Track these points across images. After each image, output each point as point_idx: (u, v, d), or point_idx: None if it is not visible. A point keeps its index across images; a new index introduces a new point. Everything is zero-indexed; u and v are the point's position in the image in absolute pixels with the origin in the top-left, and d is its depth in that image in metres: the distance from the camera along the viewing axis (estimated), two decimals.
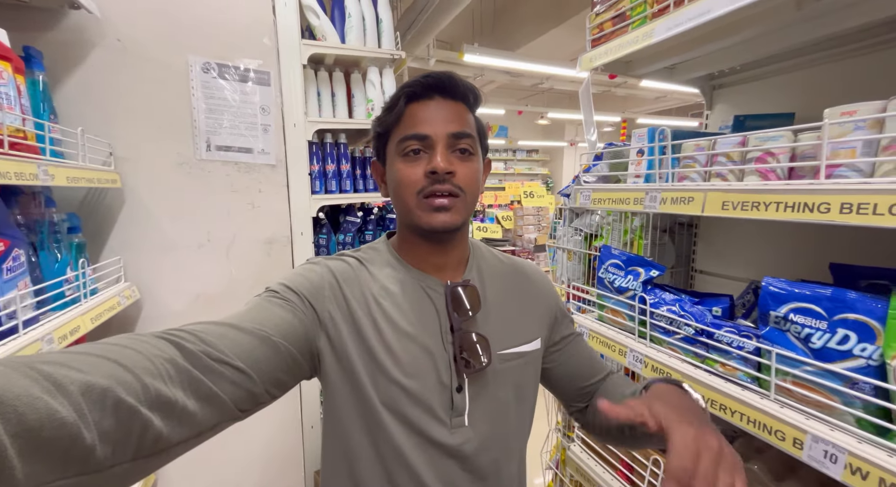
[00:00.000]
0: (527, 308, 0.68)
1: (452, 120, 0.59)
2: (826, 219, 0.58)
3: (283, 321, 0.53)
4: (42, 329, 0.88)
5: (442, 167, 0.56)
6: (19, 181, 0.82)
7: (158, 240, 1.44)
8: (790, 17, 0.80)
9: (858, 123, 0.59)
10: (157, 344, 0.41)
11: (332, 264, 0.62)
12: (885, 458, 0.55)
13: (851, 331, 0.60)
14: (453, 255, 0.65)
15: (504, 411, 0.63)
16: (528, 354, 0.66)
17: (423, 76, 0.59)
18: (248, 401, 0.47)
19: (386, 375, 0.56)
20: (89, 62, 1.30)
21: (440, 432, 0.57)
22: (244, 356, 0.46)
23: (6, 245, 0.82)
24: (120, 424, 0.34)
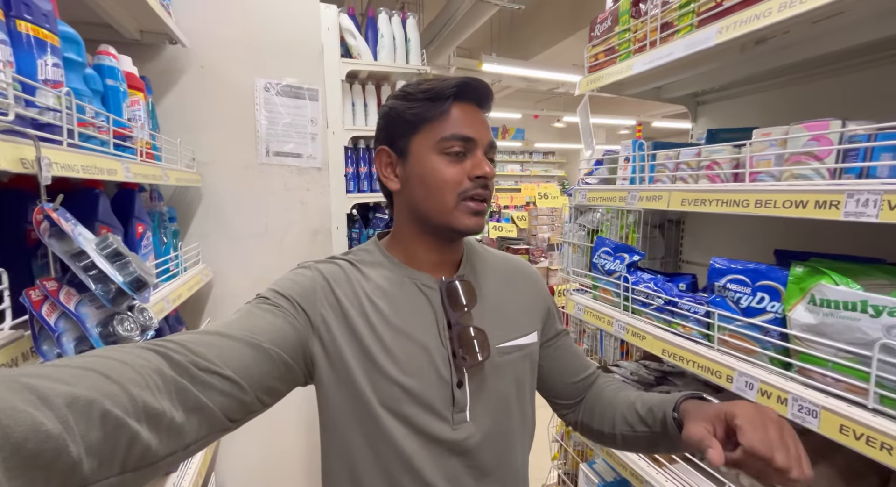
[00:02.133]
0: (522, 302, 0.69)
1: (488, 128, 0.61)
2: (747, 212, 0.80)
3: (274, 328, 0.52)
4: (163, 293, 1.17)
5: (490, 173, 0.58)
6: (154, 181, 1.11)
7: (226, 230, 1.74)
8: (738, 58, 1.02)
9: (772, 141, 0.81)
10: (143, 355, 0.40)
11: (322, 268, 0.61)
12: (782, 382, 0.77)
13: (765, 293, 0.81)
14: (453, 253, 0.65)
15: (506, 405, 0.63)
16: (526, 346, 0.66)
17: (470, 79, 0.58)
18: (238, 410, 0.47)
19: (384, 375, 0.56)
20: (180, 85, 1.61)
21: (442, 429, 0.57)
22: (233, 364, 0.46)
23: (143, 228, 1.11)
24: (107, 436, 0.33)
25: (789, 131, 0.77)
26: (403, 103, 0.60)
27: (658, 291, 1.08)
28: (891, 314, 0.62)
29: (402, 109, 0.60)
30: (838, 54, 0.99)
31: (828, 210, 0.66)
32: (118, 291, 0.60)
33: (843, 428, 0.66)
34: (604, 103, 8.48)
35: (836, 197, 0.65)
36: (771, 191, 0.76)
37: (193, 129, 1.65)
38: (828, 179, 0.72)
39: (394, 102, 0.61)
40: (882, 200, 0.59)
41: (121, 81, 1.02)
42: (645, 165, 1.11)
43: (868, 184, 0.62)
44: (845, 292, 0.67)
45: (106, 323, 0.60)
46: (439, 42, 4.15)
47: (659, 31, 1.02)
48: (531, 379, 0.69)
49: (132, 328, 0.63)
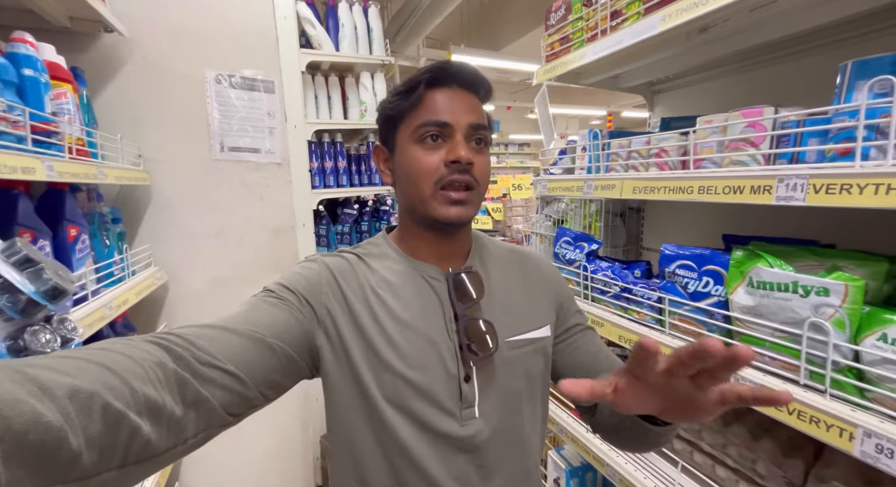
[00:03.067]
0: (533, 294, 0.66)
1: (471, 110, 0.57)
2: (691, 198, 0.81)
3: (278, 321, 0.52)
4: (104, 299, 1.11)
5: (465, 157, 0.55)
6: (85, 180, 1.04)
7: (180, 230, 1.65)
8: (685, 46, 1.03)
9: (714, 128, 0.82)
10: (145, 348, 0.40)
11: (328, 261, 0.61)
12: None
13: (710, 278, 0.84)
14: (457, 245, 0.64)
15: (516, 400, 0.60)
16: (538, 340, 0.64)
17: (444, 63, 0.58)
18: (240, 405, 0.46)
19: (388, 368, 0.55)
20: (121, 77, 1.51)
21: (450, 424, 0.55)
22: (235, 358, 0.46)
23: (77, 231, 1.04)
24: (107, 429, 0.33)
25: (728, 118, 0.79)
26: (388, 99, 0.61)
27: (615, 278, 1.10)
28: (818, 294, 0.64)
29: (386, 105, 0.60)
30: (780, 42, 1.02)
31: (762, 195, 0.68)
32: (29, 301, 0.56)
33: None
34: (576, 94, 8.58)
35: (768, 182, 0.66)
36: (712, 177, 0.77)
37: (139, 124, 1.55)
38: (763, 165, 0.74)
39: (382, 100, 0.62)
40: (808, 183, 0.61)
41: (41, 72, 0.94)
42: (600, 155, 1.11)
43: (795, 169, 0.64)
44: (779, 274, 0.69)
45: (16, 336, 0.55)
46: (406, 32, 4.07)
47: (609, 19, 1.02)
48: (544, 375, 0.66)
49: (49, 340, 0.58)
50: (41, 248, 0.87)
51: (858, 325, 0.62)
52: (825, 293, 0.63)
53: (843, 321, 0.62)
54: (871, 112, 0.57)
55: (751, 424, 0.93)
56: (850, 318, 0.62)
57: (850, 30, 0.89)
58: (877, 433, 0.57)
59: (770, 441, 0.89)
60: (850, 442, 0.60)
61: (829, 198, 0.59)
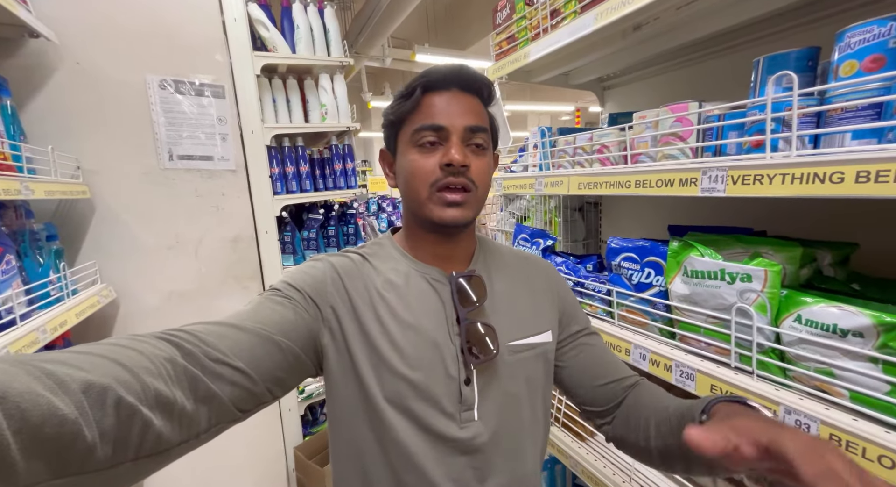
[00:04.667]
0: (536, 300, 0.67)
1: (468, 113, 0.58)
2: (629, 192, 0.84)
3: (285, 320, 0.52)
4: (36, 322, 1.04)
5: (458, 160, 0.55)
6: (6, 196, 0.97)
7: (130, 244, 1.58)
8: (624, 43, 1.06)
9: (648, 123, 0.85)
10: (156, 344, 0.41)
11: (334, 260, 0.61)
12: (668, 351, 0.82)
13: (651, 269, 0.86)
14: (460, 248, 0.64)
15: (515, 405, 0.61)
16: (539, 345, 0.64)
17: (443, 66, 0.58)
18: (248, 401, 0.47)
19: (390, 369, 0.55)
20: (52, 85, 1.42)
21: (449, 427, 0.56)
22: (244, 355, 0.46)
23: (0, 251, 0.97)
24: (120, 423, 0.34)
25: (659, 114, 0.81)
26: (390, 105, 0.62)
27: (569, 273, 1.12)
28: (742, 280, 0.67)
29: (388, 111, 0.62)
30: (709, 39, 1.06)
31: (689, 187, 0.70)
32: None
33: (713, 387, 0.72)
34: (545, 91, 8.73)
35: (694, 175, 0.69)
36: (646, 171, 0.79)
37: (76, 134, 1.47)
38: (691, 158, 0.76)
39: (386, 106, 0.63)
40: (727, 175, 0.63)
41: None
42: (548, 152, 1.13)
43: (716, 162, 0.66)
44: (708, 263, 0.72)
45: None
46: (369, 32, 4.03)
47: (549, 18, 1.04)
48: (545, 381, 0.66)
49: None
50: None
51: (778, 308, 0.65)
52: (748, 279, 0.66)
53: (765, 305, 0.65)
54: (777, 105, 0.60)
55: None
56: (770, 302, 0.65)
57: (772, 26, 0.94)
58: (796, 409, 0.60)
59: None
60: None
61: (745, 188, 0.61)
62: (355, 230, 2.40)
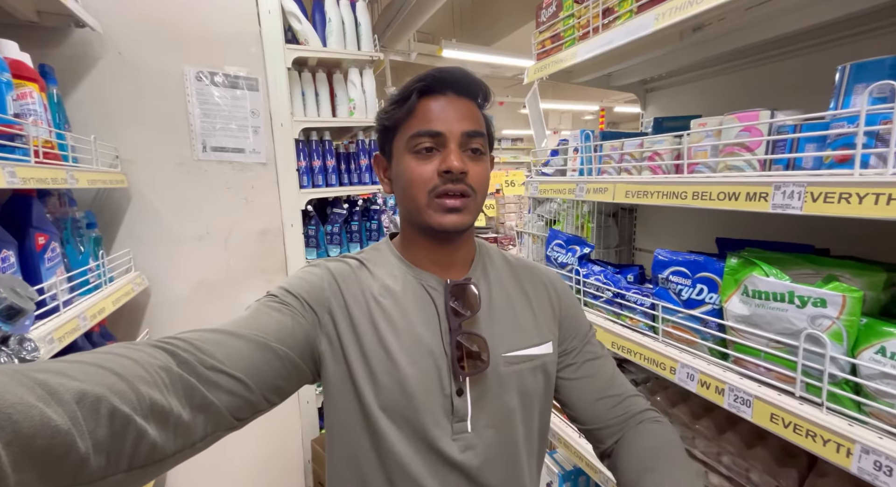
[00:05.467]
0: (536, 310, 0.65)
1: (465, 118, 0.57)
2: (685, 204, 0.79)
3: (283, 327, 0.52)
4: (77, 309, 1.06)
5: (457, 167, 0.54)
6: (53, 185, 0.98)
7: (163, 233, 1.60)
8: (679, 45, 1.01)
9: (708, 131, 0.80)
10: (151, 353, 0.40)
11: (331, 266, 0.61)
12: (720, 373, 0.78)
13: (704, 285, 0.82)
14: (458, 254, 0.63)
15: (509, 418, 0.59)
16: (538, 357, 0.62)
17: (437, 70, 0.57)
18: (245, 409, 0.46)
19: (384, 377, 0.54)
20: (95, 74, 1.44)
21: (441, 438, 0.55)
22: (241, 363, 0.46)
23: (46, 239, 0.99)
24: (114, 433, 0.33)
25: (723, 122, 0.76)
26: (384, 108, 0.61)
27: (608, 283, 1.08)
28: (815, 305, 0.62)
29: (382, 115, 0.61)
30: (776, 41, 0.99)
31: (757, 202, 0.65)
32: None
33: (774, 417, 0.67)
34: (568, 89, 8.56)
35: (764, 189, 0.64)
36: (707, 183, 0.75)
37: (116, 124, 1.49)
38: (759, 171, 0.71)
39: (379, 109, 0.62)
40: (805, 192, 0.59)
41: (1, 71, 0.89)
42: (592, 157, 1.09)
43: (792, 176, 0.61)
44: (774, 283, 0.67)
45: None
46: (396, 26, 4.00)
47: (601, 17, 0.99)
48: (544, 394, 0.63)
49: (3, 363, 0.54)
50: (5, 259, 0.82)
51: (856, 337, 0.60)
52: (822, 304, 0.61)
53: (841, 334, 0.60)
54: (870, 118, 0.55)
55: (745, 432, 0.92)
56: (848, 330, 0.60)
57: (849, 28, 0.87)
58: (875, 449, 0.56)
59: (764, 450, 0.88)
60: (847, 458, 0.58)
61: (828, 207, 0.57)
62: (378, 226, 2.39)
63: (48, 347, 0.86)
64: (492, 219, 6.15)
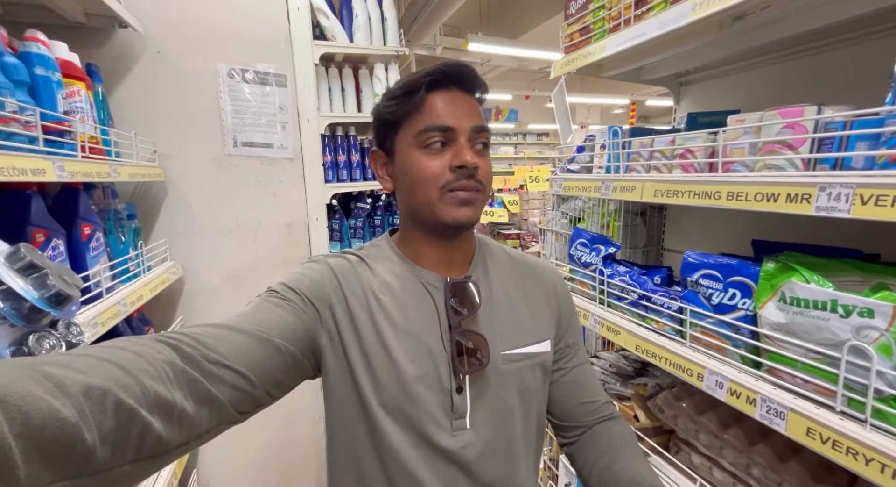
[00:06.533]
0: (535, 308, 0.65)
1: (473, 113, 0.57)
2: (719, 204, 0.75)
3: (284, 322, 0.52)
4: (118, 296, 1.12)
5: (471, 162, 0.54)
6: (98, 179, 1.04)
7: (196, 225, 1.67)
8: (718, 35, 0.95)
9: (746, 128, 0.75)
10: (155, 347, 0.41)
11: (332, 262, 0.61)
12: (752, 382, 0.74)
13: (737, 290, 0.78)
14: (459, 252, 0.63)
15: (509, 415, 0.60)
16: (536, 355, 0.63)
17: (444, 65, 0.56)
18: (247, 403, 0.47)
19: (383, 374, 0.55)
20: (135, 72, 1.51)
21: (440, 434, 0.55)
22: (243, 358, 0.46)
23: (91, 229, 1.05)
24: (120, 425, 0.34)
25: (763, 118, 0.72)
26: (384, 103, 0.59)
27: (633, 284, 1.05)
28: (861, 315, 0.58)
29: (383, 109, 0.59)
30: (824, 31, 0.93)
31: (799, 204, 0.62)
32: (32, 308, 0.56)
33: (810, 431, 0.64)
34: (597, 81, 8.31)
35: (807, 190, 0.60)
36: (743, 183, 0.71)
37: (154, 120, 1.56)
38: (802, 170, 0.67)
39: (378, 103, 0.61)
40: (854, 194, 0.55)
41: (53, 70, 0.94)
42: (620, 154, 1.05)
43: (840, 176, 0.57)
44: (815, 290, 0.63)
45: (20, 342, 0.56)
46: (423, 20, 3.99)
47: (633, 7, 0.95)
48: (541, 391, 0.65)
49: (52, 345, 0.59)
50: (55, 247, 0.88)
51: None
52: (869, 315, 0.57)
53: (890, 346, 0.56)
54: None
55: (778, 445, 0.88)
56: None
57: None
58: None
59: (798, 465, 0.83)
60: (892, 480, 0.55)
61: (879, 211, 0.53)
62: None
63: (92, 331, 0.92)
64: (515, 215, 6.08)
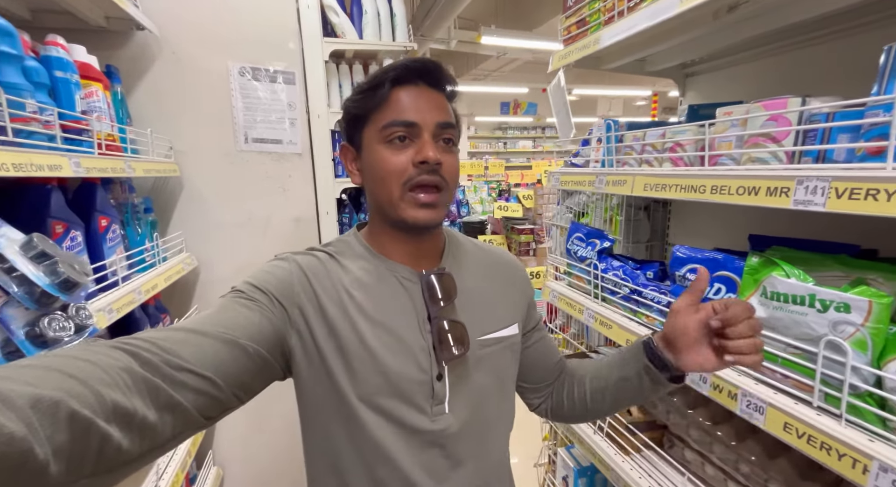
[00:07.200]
0: (504, 294, 0.68)
1: (438, 109, 0.57)
2: (704, 198, 0.75)
3: (250, 322, 0.51)
4: (133, 284, 1.20)
5: (432, 157, 0.54)
6: (113, 174, 1.11)
7: (210, 219, 1.75)
8: (714, 26, 0.93)
9: (734, 121, 0.74)
10: (111, 354, 0.39)
11: (300, 259, 0.60)
12: (735, 377, 0.74)
13: (722, 284, 0.77)
14: (429, 245, 0.64)
15: (485, 396, 0.63)
16: (507, 338, 0.66)
17: (409, 60, 0.58)
18: (213, 408, 0.46)
19: (361, 367, 0.55)
20: (153, 72, 1.59)
21: (421, 420, 0.57)
22: (207, 361, 0.45)
23: (108, 222, 1.13)
24: (75, 438, 0.32)
25: (749, 110, 0.71)
26: (352, 97, 0.60)
27: (625, 279, 1.04)
28: (837, 310, 0.57)
29: (350, 104, 0.60)
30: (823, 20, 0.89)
31: (779, 198, 0.61)
32: (43, 293, 0.61)
33: (787, 426, 0.63)
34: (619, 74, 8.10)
35: (786, 184, 0.59)
36: (726, 176, 0.70)
37: (170, 117, 1.64)
38: (786, 163, 0.66)
39: (347, 98, 0.62)
40: (830, 187, 0.54)
41: (71, 72, 1.01)
42: (612, 147, 1.05)
43: (816, 169, 0.56)
44: (795, 285, 0.62)
45: (33, 323, 0.62)
46: (436, 13, 3.98)
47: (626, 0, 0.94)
48: (512, 370, 0.69)
49: (62, 327, 0.64)
50: (73, 238, 0.95)
51: (883, 347, 0.55)
52: (846, 310, 0.57)
53: (865, 342, 0.55)
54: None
55: (768, 442, 0.87)
56: (874, 339, 0.55)
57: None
58: (894, 467, 0.51)
59: (787, 462, 0.82)
60: (863, 475, 0.54)
61: (853, 204, 0.52)
62: None
63: (108, 316, 0.99)
64: (529, 210, 6.02)
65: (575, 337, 1.95)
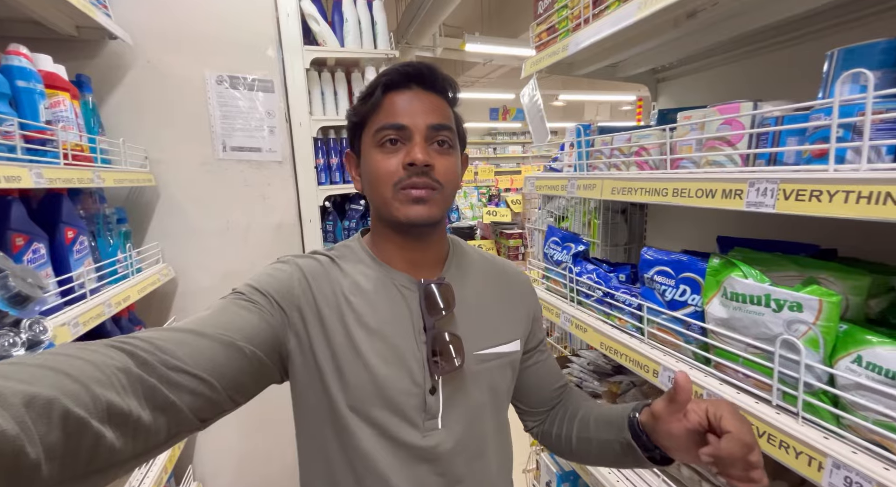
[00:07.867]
0: (507, 308, 0.66)
1: (431, 111, 0.57)
2: (666, 201, 0.76)
3: (249, 325, 0.51)
4: (103, 297, 1.17)
5: (420, 159, 0.54)
6: (80, 185, 1.09)
7: (188, 228, 1.73)
8: (676, 33, 0.95)
9: (693, 125, 0.76)
10: (107, 353, 0.38)
11: (301, 263, 0.60)
12: (701, 378, 0.74)
13: (687, 286, 0.78)
14: (430, 252, 0.63)
15: (480, 413, 0.61)
16: (507, 355, 0.64)
17: (402, 65, 0.58)
18: (209, 410, 0.45)
19: (353, 376, 0.54)
20: (126, 81, 1.57)
21: (412, 435, 0.56)
22: (204, 363, 0.45)
23: (74, 233, 1.11)
24: (68, 437, 0.31)
25: (706, 114, 0.72)
26: (353, 105, 0.61)
27: (599, 282, 1.05)
28: (791, 309, 0.58)
29: (350, 112, 0.61)
30: (780, 26, 0.92)
31: (733, 200, 0.62)
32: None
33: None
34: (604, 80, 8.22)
35: (739, 186, 0.61)
36: (685, 179, 0.71)
37: (146, 127, 1.62)
38: (741, 166, 0.67)
39: (350, 107, 0.62)
40: (778, 189, 0.55)
41: (35, 82, 0.99)
42: (583, 152, 1.06)
43: (766, 172, 0.57)
44: (752, 285, 0.63)
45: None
46: (420, 21, 4.02)
47: (592, 6, 0.96)
48: (509, 388, 0.67)
49: (12, 343, 0.63)
50: (35, 250, 0.93)
51: (834, 345, 0.56)
52: (798, 309, 0.57)
53: (817, 340, 0.56)
54: (849, 109, 0.50)
55: None
56: (825, 337, 0.56)
57: (854, 10, 0.79)
58: (847, 464, 0.52)
59: None
60: (818, 472, 0.55)
61: (799, 205, 0.53)
62: None
63: (73, 330, 0.97)
64: (518, 215, 6.06)
65: (559, 341, 1.95)
